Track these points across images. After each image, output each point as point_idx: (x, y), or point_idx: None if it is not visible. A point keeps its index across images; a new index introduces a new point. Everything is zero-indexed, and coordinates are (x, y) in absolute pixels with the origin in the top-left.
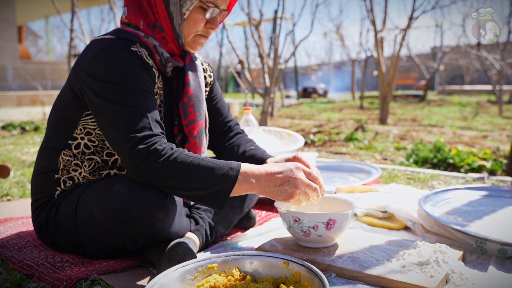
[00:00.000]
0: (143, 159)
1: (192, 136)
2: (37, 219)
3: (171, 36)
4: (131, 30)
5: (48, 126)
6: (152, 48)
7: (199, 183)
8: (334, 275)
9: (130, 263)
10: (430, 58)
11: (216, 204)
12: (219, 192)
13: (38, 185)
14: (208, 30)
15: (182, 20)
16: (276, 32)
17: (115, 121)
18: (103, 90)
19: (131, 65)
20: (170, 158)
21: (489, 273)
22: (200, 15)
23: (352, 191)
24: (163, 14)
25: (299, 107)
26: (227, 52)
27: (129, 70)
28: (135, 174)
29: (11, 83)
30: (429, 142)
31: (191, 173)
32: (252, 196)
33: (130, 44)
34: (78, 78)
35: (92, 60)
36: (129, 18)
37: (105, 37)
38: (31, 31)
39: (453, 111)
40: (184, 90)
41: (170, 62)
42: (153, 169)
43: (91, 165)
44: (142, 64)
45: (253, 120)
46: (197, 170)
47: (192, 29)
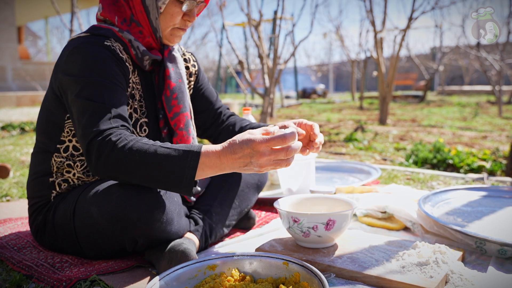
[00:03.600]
0: (98, 153)
1: (178, 128)
2: (34, 222)
3: (148, 30)
4: (105, 26)
5: (37, 131)
6: (127, 42)
7: (159, 171)
8: (334, 275)
9: (129, 263)
10: (430, 59)
11: (184, 191)
12: (183, 178)
13: (34, 190)
14: (185, 23)
15: (159, 14)
16: (275, 33)
17: (80, 117)
18: (74, 85)
19: (103, 58)
20: (125, 148)
21: (488, 274)
22: (177, 8)
23: (351, 192)
24: (139, 8)
25: (298, 108)
26: (227, 52)
27: (99, 63)
28: (95, 170)
29: (11, 84)
30: (428, 142)
31: (150, 161)
32: (251, 196)
33: (104, 39)
34: (56, 78)
35: (67, 58)
36: (104, 15)
37: (80, 35)
38: (31, 32)
39: (452, 111)
40: (166, 83)
41: (146, 55)
42: (110, 161)
43: (83, 165)
44: (114, 58)
45: (252, 121)
46: (155, 158)
47: (169, 23)
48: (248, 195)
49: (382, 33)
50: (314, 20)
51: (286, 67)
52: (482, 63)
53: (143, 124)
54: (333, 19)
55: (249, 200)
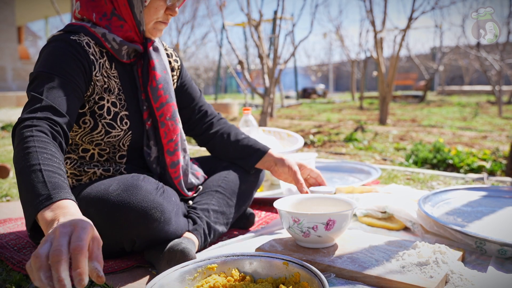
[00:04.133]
0: (13, 141)
1: (166, 118)
2: None
3: (131, 23)
4: (79, 23)
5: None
6: (99, 36)
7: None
8: (334, 275)
9: (129, 263)
10: (430, 59)
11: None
12: (26, 216)
13: None
14: (167, 17)
15: (143, 7)
16: (275, 33)
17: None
18: (30, 78)
19: (60, 53)
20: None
21: (488, 274)
22: (161, 2)
23: (351, 192)
24: (123, 2)
25: (298, 108)
26: (227, 52)
27: (53, 58)
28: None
29: (11, 84)
30: (428, 142)
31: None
32: (249, 194)
33: (69, 35)
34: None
35: (39, 56)
36: (82, 13)
37: (55, 33)
38: (31, 32)
39: (452, 111)
40: (151, 74)
41: (125, 45)
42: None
43: (73, 162)
44: (74, 52)
45: (252, 121)
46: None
47: (152, 16)
48: (246, 192)
49: (382, 33)
50: (314, 20)
51: (286, 67)
52: (482, 63)
53: (124, 117)
54: (333, 19)
55: (247, 197)
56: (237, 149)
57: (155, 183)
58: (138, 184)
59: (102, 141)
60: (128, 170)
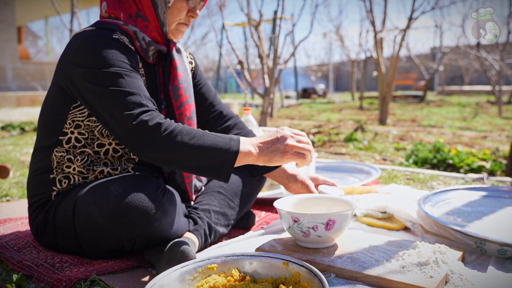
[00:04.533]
0: (148, 133)
1: (185, 117)
2: (34, 222)
3: (154, 24)
4: (110, 21)
5: (39, 126)
6: (132, 34)
7: (205, 153)
8: (334, 275)
9: (129, 263)
10: (430, 59)
11: (223, 174)
12: (225, 162)
13: (35, 187)
14: (189, 19)
15: (167, 8)
16: (275, 33)
17: (111, 104)
18: (93, 76)
19: (115, 49)
20: (176, 131)
21: (488, 274)
22: (184, 3)
23: (351, 192)
24: (147, 3)
25: (298, 108)
26: (227, 52)
27: (113, 54)
28: (142, 150)
29: (11, 84)
30: (428, 142)
31: (197, 144)
32: (250, 196)
33: (111, 33)
34: (64, 71)
35: (76, 51)
36: (109, 12)
37: (86, 29)
38: (31, 32)
39: (452, 111)
40: (173, 74)
41: (152, 45)
42: (161, 142)
43: (83, 159)
44: (125, 49)
45: (252, 121)
46: (202, 141)
47: (175, 17)
48: (247, 194)
49: (382, 33)
50: (314, 20)
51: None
52: (482, 63)
53: None
54: (333, 19)
55: (248, 199)
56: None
57: (157, 183)
58: (140, 183)
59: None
60: (136, 170)
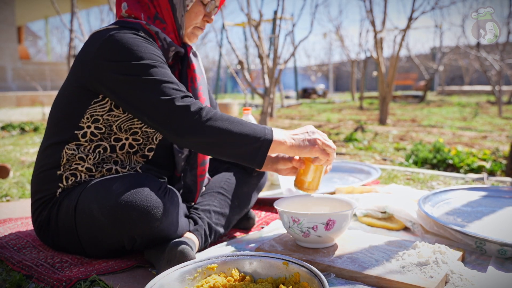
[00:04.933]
0: (190, 117)
1: None
2: (38, 219)
3: (172, 27)
4: (132, 20)
5: (51, 122)
6: (154, 34)
7: (243, 138)
8: (334, 275)
9: (129, 263)
10: (430, 59)
11: (258, 159)
12: (260, 148)
13: (40, 184)
14: (204, 23)
15: (185, 12)
16: (275, 33)
17: (148, 92)
18: (125, 68)
19: (143, 43)
20: (216, 115)
21: (488, 274)
22: (201, 8)
23: (351, 192)
24: (166, 6)
25: (298, 108)
26: (227, 52)
27: (142, 47)
28: (183, 134)
29: (11, 84)
30: (428, 142)
31: (236, 130)
32: (251, 197)
33: (135, 31)
34: (87, 69)
35: (103, 46)
36: (129, 12)
37: (109, 27)
38: (31, 32)
39: (452, 111)
40: (191, 76)
41: (173, 46)
42: (203, 127)
43: (95, 157)
44: (152, 43)
45: (252, 121)
46: (240, 126)
47: (192, 21)
48: (248, 195)
49: (382, 33)
50: (314, 20)
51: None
52: (482, 63)
53: None
54: (333, 19)
55: (249, 200)
56: None
57: (159, 183)
58: (142, 183)
59: (140, 130)
60: (144, 170)
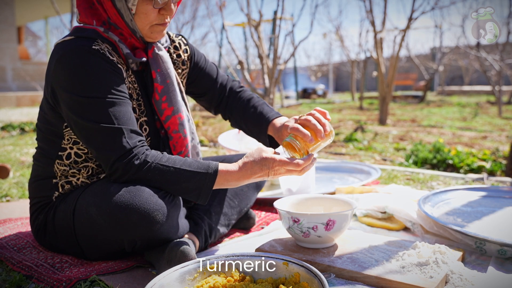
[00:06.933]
0: (121, 175)
1: (173, 131)
2: (35, 222)
3: (127, 31)
4: (89, 27)
5: (37, 136)
6: (114, 42)
7: (179, 189)
8: (334, 275)
9: (129, 264)
10: (430, 59)
11: (201, 202)
12: (200, 196)
13: (36, 191)
14: (163, 18)
15: (132, 15)
16: (275, 33)
17: (91, 140)
18: (74, 104)
19: (96, 69)
20: (149, 170)
21: (488, 274)
22: (149, 6)
23: (351, 192)
24: (113, 11)
25: (298, 108)
26: (227, 53)
27: (95, 77)
28: (122, 179)
29: (11, 84)
30: (428, 142)
31: (170, 180)
32: (250, 196)
33: (91, 42)
34: (48, 89)
35: (56, 68)
36: (82, 20)
37: (65, 39)
38: (31, 32)
39: (452, 111)
40: (154, 87)
41: (130, 58)
42: (133, 180)
43: (88, 172)
44: (107, 65)
45: None
46: (175, 178)
47: (144, 22)
48: (247, 194)
49: (382, 33)
50: (314, 20)
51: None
52: (482, 63)
53: (143, 123)
54: (333, 19)
55: (249, 199)
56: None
57: None
58: (141, 186)
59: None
60: None
